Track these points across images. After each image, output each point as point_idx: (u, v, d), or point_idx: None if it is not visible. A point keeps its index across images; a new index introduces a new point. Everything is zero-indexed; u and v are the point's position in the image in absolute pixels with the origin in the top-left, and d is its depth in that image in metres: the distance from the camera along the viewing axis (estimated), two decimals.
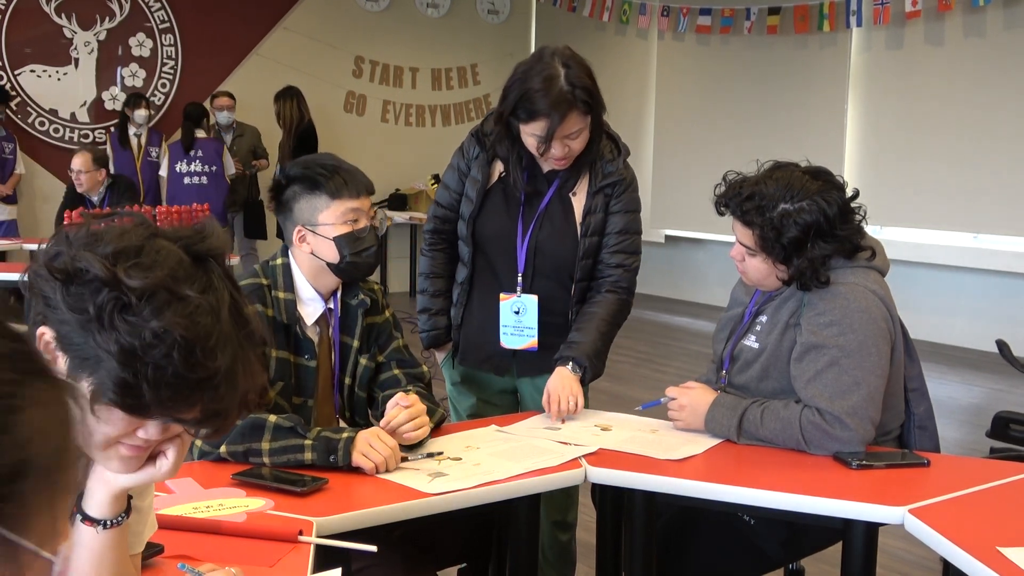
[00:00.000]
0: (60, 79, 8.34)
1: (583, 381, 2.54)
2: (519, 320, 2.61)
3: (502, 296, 2.62)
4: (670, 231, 9.22)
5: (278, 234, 8.28)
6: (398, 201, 9.43)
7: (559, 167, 2.55)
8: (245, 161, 8.23)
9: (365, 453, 2.00)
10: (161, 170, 7.84)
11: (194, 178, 7.68)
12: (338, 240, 2.19)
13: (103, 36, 8.46)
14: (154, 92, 8.66)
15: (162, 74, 8.74)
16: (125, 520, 1.24)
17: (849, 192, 2.28)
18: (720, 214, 2.33)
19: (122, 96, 8.41)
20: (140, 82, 8.64)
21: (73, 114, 8.42)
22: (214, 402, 1.09)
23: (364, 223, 2.22)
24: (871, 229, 2.38)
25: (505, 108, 2.48)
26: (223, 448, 2.01)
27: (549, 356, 2.56)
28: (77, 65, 8.39)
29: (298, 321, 2.22)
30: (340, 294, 2.30)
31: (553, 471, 2.10)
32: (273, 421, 2.01)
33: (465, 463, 2.11)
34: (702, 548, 2.32)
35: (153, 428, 1.13)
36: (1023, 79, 6.76)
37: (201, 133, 7.87)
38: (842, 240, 2.22)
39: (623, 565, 2.32)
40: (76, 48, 8.36)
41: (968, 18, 7.01)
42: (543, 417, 2.48)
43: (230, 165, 7.90)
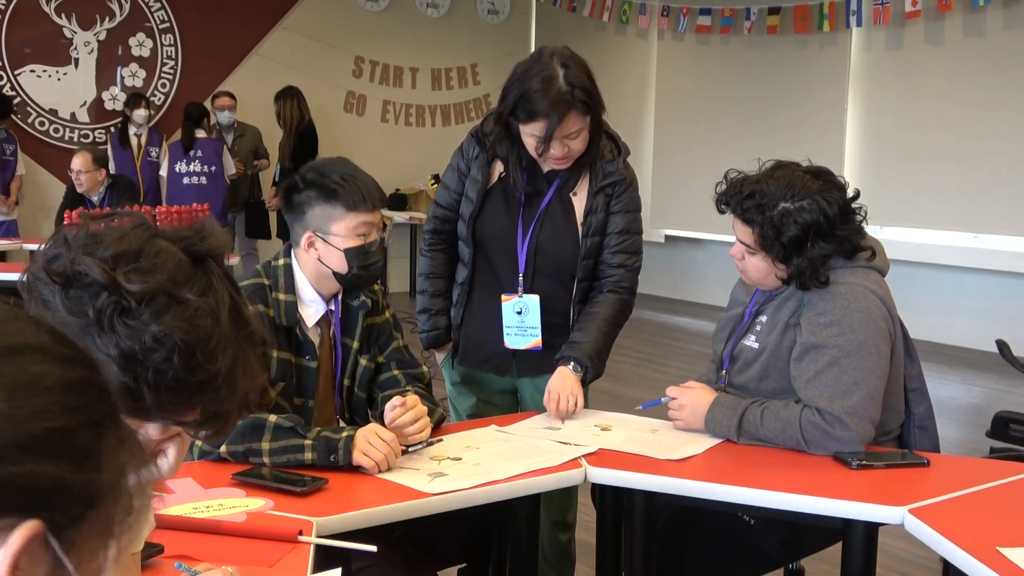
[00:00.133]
0: (60, 79, 8.34)
1: (584, 381, 2.54)
2: (522, 320, 2.61)
3: (504, 297, 2.63)
4: (670, 231, 9.22)
5: (279, 234, 8.31)
6: (398, 201, 9.42)
7: (559, 167, 2.55)
8: (246, 161, 8.23)
9: (365, 451, 2.00)
10: (161, 170, 7.84)
11: (193, 178, 7.67)
12: (348, 252, 2.20)
13: (103, 36, 8.46)
14: (154, 92, 8.66)
15: (162, 74, 8.74)
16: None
17: (850, 193, 2.28)
18: (721, 212, 2.33)
19: (122, 96, 8.41)
20: (140, 82, 8.64)
21: (73, 114, 8.42)
22: (214, 404, 1.10)
23: (375, 236, 2.23)
24: (871, 229, 2.38)
25: (504, 108, 2.48)
26: (223, 448, 2.02)
27: (549, 356, 2.56)
28: (77, 65, 8.39)
29: (299, 323, 2.22)
30: (341, 295, 2.30)
31: (553, 471, 2.10)
32: (273, 421, 2.02)
33: (465, 463, 2.11)
34: (702, 548, 2.32)
35: (153, 429, 1.13)
36: (1023, 79, 6.76)
37: (202, 133, 7.86)
38: (842, 240, 2.22)
39: (623, 565, 2.32)
40: (76, 48, 8.36)
41: (968, 18, 7.01)
42: (543, 417, 2.48)
43: (230, 165, 7.90)
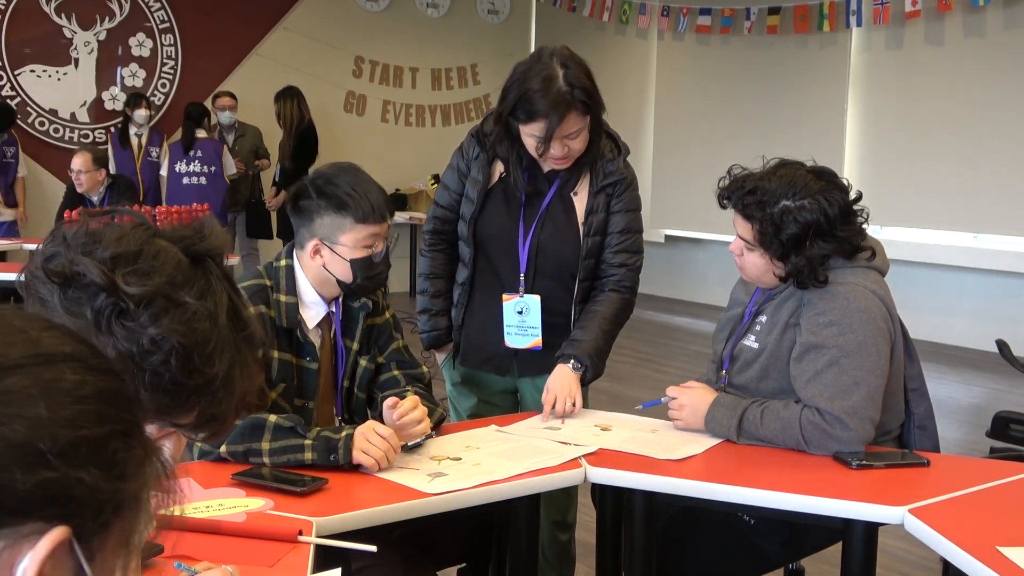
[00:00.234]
0: (60, 79, 8.34)
1: (584, 380, 2.54)
2: (523, 320, 2.61)
3: (505, 297, 2.63)
4: (670, 231, 9.22)
5: (279, 234, 8.31)
6: (398, 201, 9.42)
7: (559, 167, 2.55)
8: (247, 161, 8.23)
9: (365, 450, 2.00)
10: (161, 170, 7.84)
11: (193, 178, 7.67)
12: (354, 263, 2.20)
13: (103, 36, 8.45)
14: (154, 92, 8.65)
15: (162, 74, 8.74)
16: None
17: (853, 194, 2.27)
18: (722, 207, 2.33)
19: (122, 96, 8.40)
20: (140, 82, 8.63)
21: (73, 114, 8.42)
22: (211, 407, 1.09)
23: (380, 247, 2.24)
24: (871, 229, 2.38)
25: (504, 108, 2.48)
26: (223, 448, 2.02)
27: (550, 356, 2.56)
28: (77, 65, 8.38)
29: (299, 324, 2.22)
30: (342, 297, 2.30)
31: (553, 471, 2.09)
32: (273, 421, 2.02)
33: (465, 463, 2.11)
34: (702, 548, 2.32)
35: (149, 427, 1.13)
36: (1023, 79, 6.76)
37: (202, 133, 7.86)
38: (842, 241, 2.22)
39: (623, 565, 2.32)
40: (76, 48, 8.36)
41: (968, 18, 7.01)
42: (542, 417, 2.48)
43: (230, 165, 7.89)
